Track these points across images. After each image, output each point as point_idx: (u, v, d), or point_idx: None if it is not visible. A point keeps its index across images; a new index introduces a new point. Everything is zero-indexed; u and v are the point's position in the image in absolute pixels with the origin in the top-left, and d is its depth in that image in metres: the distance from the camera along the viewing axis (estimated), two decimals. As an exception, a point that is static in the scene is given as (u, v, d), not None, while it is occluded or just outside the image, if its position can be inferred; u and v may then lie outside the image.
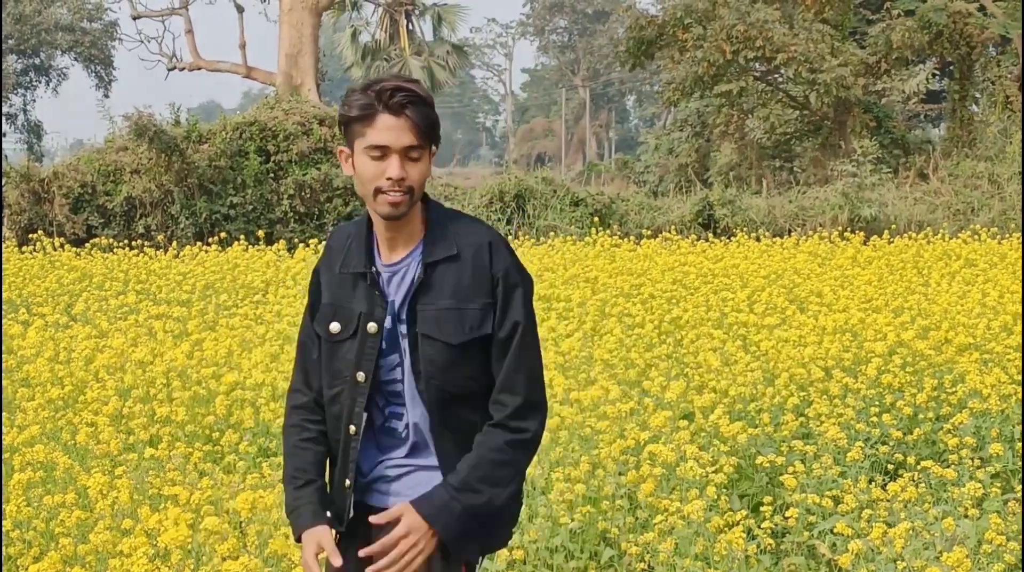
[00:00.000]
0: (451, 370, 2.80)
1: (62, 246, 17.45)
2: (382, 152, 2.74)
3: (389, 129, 2.73)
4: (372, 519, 2.79)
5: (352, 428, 2.86)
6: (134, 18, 35.69)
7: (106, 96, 47.41)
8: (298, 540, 2.89)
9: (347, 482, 2.88)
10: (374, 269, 2.86)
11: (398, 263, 2.86)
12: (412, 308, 2.80)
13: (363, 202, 2.81)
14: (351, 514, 2.90)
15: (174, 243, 19.75)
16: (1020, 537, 5.04)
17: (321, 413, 2.99)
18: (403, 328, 2.84)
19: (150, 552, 4.42)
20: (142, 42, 38.43)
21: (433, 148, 2.82)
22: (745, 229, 20.93)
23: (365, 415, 2.86)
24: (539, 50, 79.65)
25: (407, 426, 2.88)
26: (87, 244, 18.66)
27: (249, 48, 34.55)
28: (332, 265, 2.95)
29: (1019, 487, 5.83)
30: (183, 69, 35.28)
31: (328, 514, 2.92)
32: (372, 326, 2.83)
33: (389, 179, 2.74)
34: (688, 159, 31.91)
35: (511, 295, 2.82)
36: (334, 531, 2.89)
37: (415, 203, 2.83)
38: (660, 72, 34.92)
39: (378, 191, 2.76)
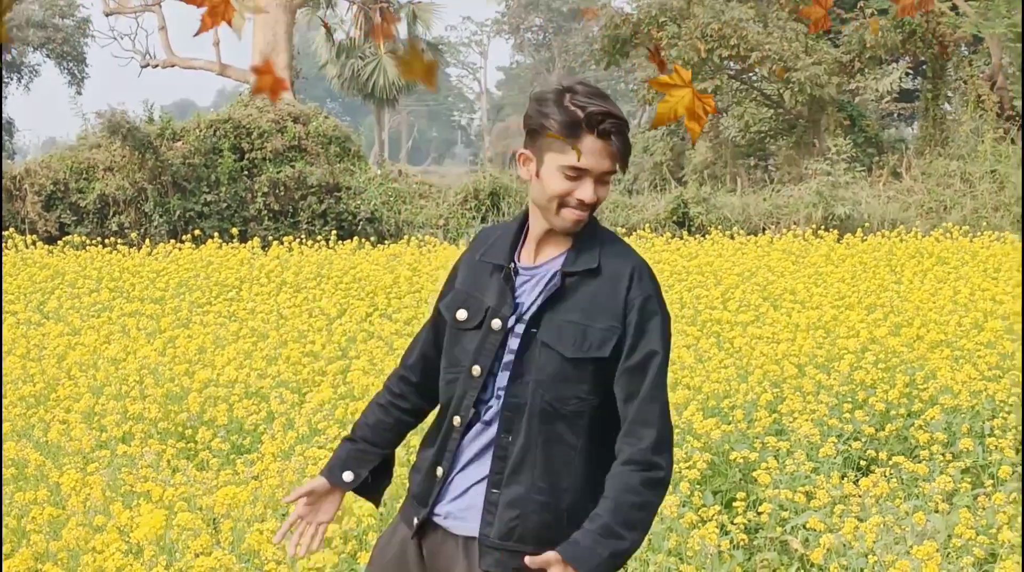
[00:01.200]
0: (560, 384, 2.75)
1: (34, 244, 17.35)
2: (579, 174, 2.71)
3: (592, 153, 2.69)
4: (528, 562, 2.69)
5: (457, 419, 2.82)
6: (107, 14, 35.48)
7: (79, 93, 47.11)
8: None
9: (439, 471, 2.83)
10: (512, 266, 2.84)
11: (538, 267, 2.83)
12: (539, 315, 2.76)
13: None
14: (434, 499, 2.83)
15: (148, 241, 19.65)
16: (991, 532, 5.08)
17: (403, 387, 3.02)
18: (518, 327, 2.79)
19: (123, 548, 4.41)
20: (115, 39, 38.28)
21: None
22: (719, 227, 20.99)
23: (473, 410, 2.81)
24: (514, 48, 79.59)
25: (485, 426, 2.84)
26: (59, 242, 18.57)
27: (223, 45, 34.46)
28: (475, 251, 2.94)
29: (989, 482, 5.88)
30: (156, 66, 35.14)
31: (348, 475, 2.99)
32: (496, 323, 2.80)
33: (580, 201, 2.73)
34: (663, 157, 31.93)
35: (648, 323, 2.75)
36: (415, 518, 2.86)
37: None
38: (635, 70, 34.97)
39: (562, 206, 2.74)
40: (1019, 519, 5.16)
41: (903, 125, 40.20)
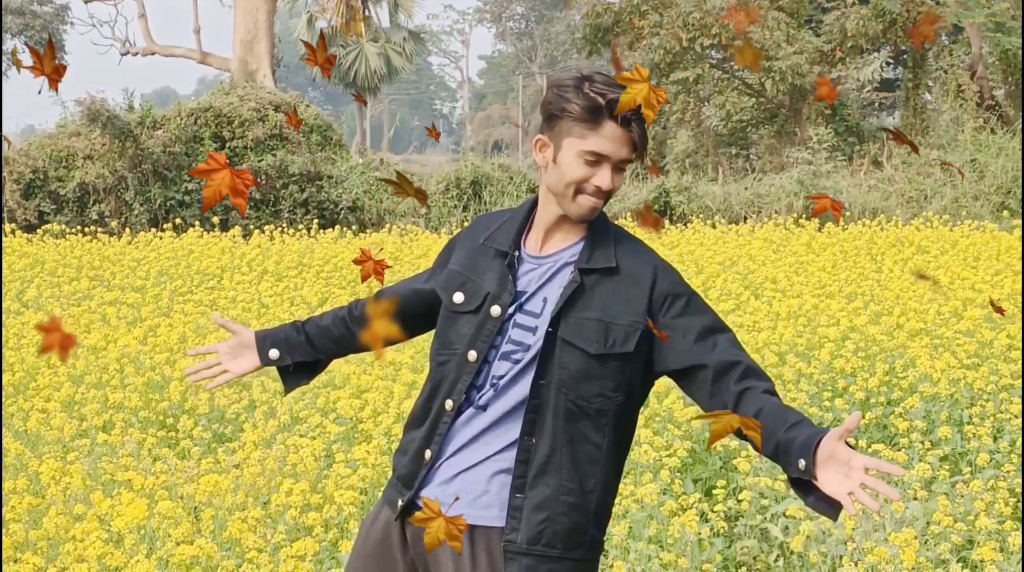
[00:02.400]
0: (584, 382, 2.72)
1: (13, 232, 17.27)
2: (598, 159, 2.70)
3: (612, 139, 2.69)
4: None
5: (450, 403, 2.78)
6: (86, 1, 35.33)
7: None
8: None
9: (428, 454, 2.80)
10: (517, 253, 2.82)
11: (545, 257, 2.81)
12: (559, 314, 2.73)
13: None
14: (420, 482, 2.81)
15: (128, 229, 19.60)
16: (969, 519, 5.12)
17: (363, 316, 3.04)
18: (519, 318, 2.77)
19: (103, 537, 4.40)
20: (94, 26, 38.13)
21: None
22: (701, 216, 21.03)
23: (465, 395, 2.78)
24: (496, 37, 79.50)
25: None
26: (39, 230, 18.49)
27: (204, 33, 34.30)
28: (476, 235, 2.91)
29: (967, 470, 5.92)
30: (136, 54, 34.98)
31: (275, 353, 3.05)
32: (496, 309, 2.77)
33: (597, 187, 2.72)
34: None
35: (691, 302, 2.75)
36: (399, 500, 2.83)
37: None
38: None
39: (579, 193, 2.73)
40: (996, 505, 5.19)
41: (884, 114, 40.32)
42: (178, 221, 20.33)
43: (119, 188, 22.12)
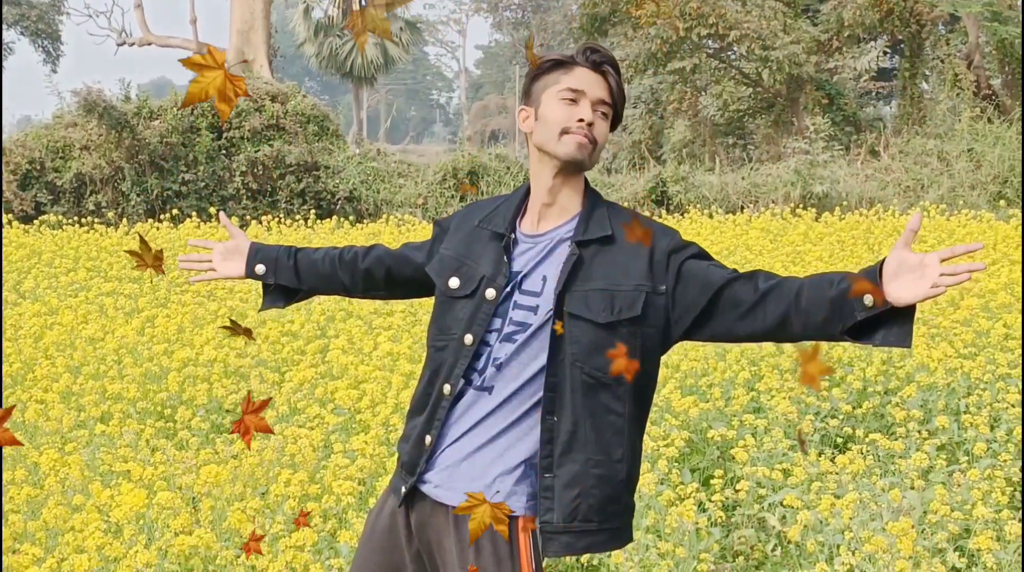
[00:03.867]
0: (597, 353, 2.70)
1: (10, 223, 17.25)
2: (576, 96, 2.75)
3: (585, 78, 2.76)
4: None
5: (447, 388, 2.78)
6: (82, -8, 35.22)
7: (54, 71, 46.78)
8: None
9: (428, 439, 2.80)
10: (513, 235, 2.83)
11: (541, 235, 2.82)
12: (563, 291, 2.71)
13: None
14: (423, 468, 2.81)
15: (125, 220, 19.58)
16: (966, 508, 5.13)
17: (354, 263, 3.10)
18: (518, 299, 2.77)
19: (102, 527, 4.41)
20: (90, 16, 38.05)
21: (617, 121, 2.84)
22: (698, 206, 21.03)
23: (463, 380, 2.78)
24: (493, 27, 79.33)
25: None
26: (36, 221, 18.47)
27: (200, 23, 34.25)
28: (471, 217, 2.92)
29: (964, 459, 5.93)
30: (133, 44, 34.91)
31: (261, 268, 3.13)
32: (491, 292, 2.77)
33: (580, 120, 2.73)
34: (641, 136, 31.95)
35: (696, 249, 2.76)
36: (403, 487, 2.83)
37: (594, 163, 2.81)
38: (614, 49, 34.95)
39: (564, 132, 2.75)
40: (993, 495, 5.21)
41: (881, 104, 40.31)
42: (175, 211, 20.32)
43: (116, 179, 22.10)
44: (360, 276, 3.12)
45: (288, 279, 3.16)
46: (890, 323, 2.48)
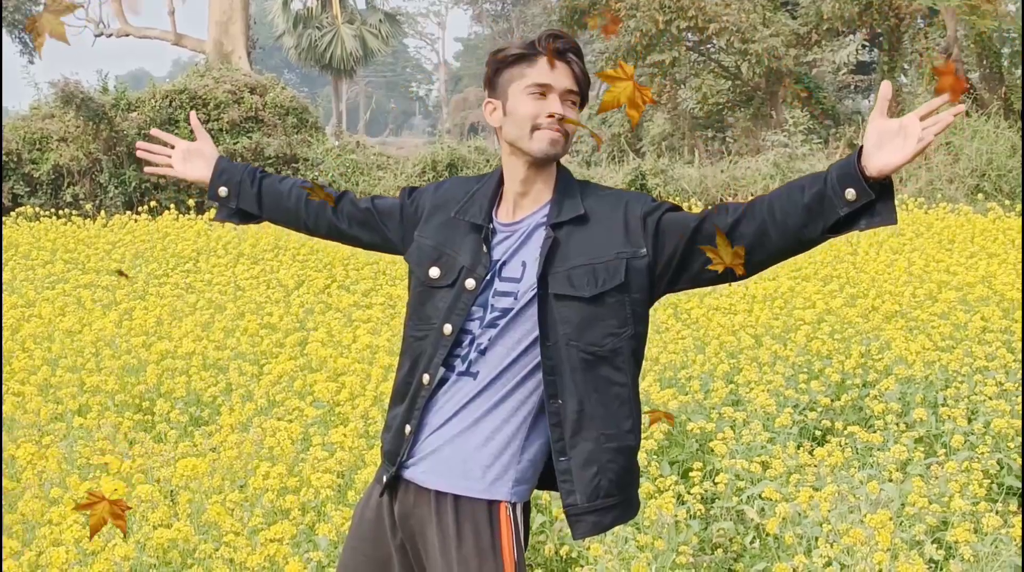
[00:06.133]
0: (588, 328, 2.71)
1: (-13, 215, 17.14)
2: (543, 90, 2.73)
3: (551, 70, 2.74)
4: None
5: (427, 377, 2.78)
6: (60, -18, 34.99)
7: (31, 63, 46.54)
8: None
9: (408, 429, 2.81)
10: (491, 225, 2.83)
11: (517, 222, 2.82)
12: (544, 275, 2.72)
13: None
14: (404, 457, 2.81)
15: (103, 212, 19.48)
16: (944, 500, 5.15)
17: (320, 204, 3.08)
18: (499, 286, 2.77)
19: (80, 521, 4.39)
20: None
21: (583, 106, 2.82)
22: (677, 198, 21.05)
23: (443, 369, 2.79)
24: (472, 19, 79.26)
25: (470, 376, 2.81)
26: (12, 213, 18.37)
27: (178, 15, 34.10)
28: (447, 206, 2.90)
29: (942, 451, 5.96)
30: (110, 36, 34.73)
31: (224, 191, 3.16)
32: (471, 282, 2.77)
33: (551, 116, 2.72)
34: (621, 129, 31.98)
35: (670, 205, 2.77)
36: (384, 477, 2.82)
37: (565, 152, 2.80)
38: (593, 42, 34.95)
39: (536, 128, 2.74)
40: (970, 487, 5.23)
41: (860, 97, 40.43)
42: (153, 204, 20.23)
43: (93, 170, 21.99)
44: (324, 223, 3.12)
45: (250, 205, 3.17)
46: (872, 207, 2.51)
